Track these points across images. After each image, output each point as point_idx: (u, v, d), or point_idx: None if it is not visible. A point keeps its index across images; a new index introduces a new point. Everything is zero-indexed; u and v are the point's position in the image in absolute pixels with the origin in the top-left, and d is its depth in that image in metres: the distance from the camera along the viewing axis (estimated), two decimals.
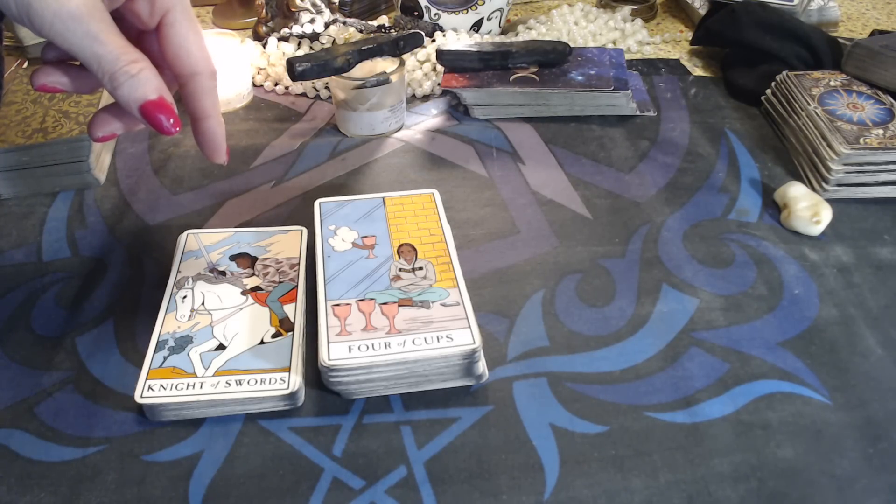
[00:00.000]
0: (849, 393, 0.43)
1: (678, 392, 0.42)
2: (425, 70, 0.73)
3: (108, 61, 0.32)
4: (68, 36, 0.31)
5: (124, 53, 0.33)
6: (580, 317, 0.47)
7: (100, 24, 0.32)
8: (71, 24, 0.31)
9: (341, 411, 0.41)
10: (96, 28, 0.32)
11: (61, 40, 0.32)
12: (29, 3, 0.31)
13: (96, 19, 0.32)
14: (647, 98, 0.72)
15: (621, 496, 0.37)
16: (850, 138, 0.57)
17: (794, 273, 0.51)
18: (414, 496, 0.37)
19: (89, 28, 0.32)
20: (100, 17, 0.32)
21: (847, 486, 0.38)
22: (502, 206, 0.57)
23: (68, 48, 0.32)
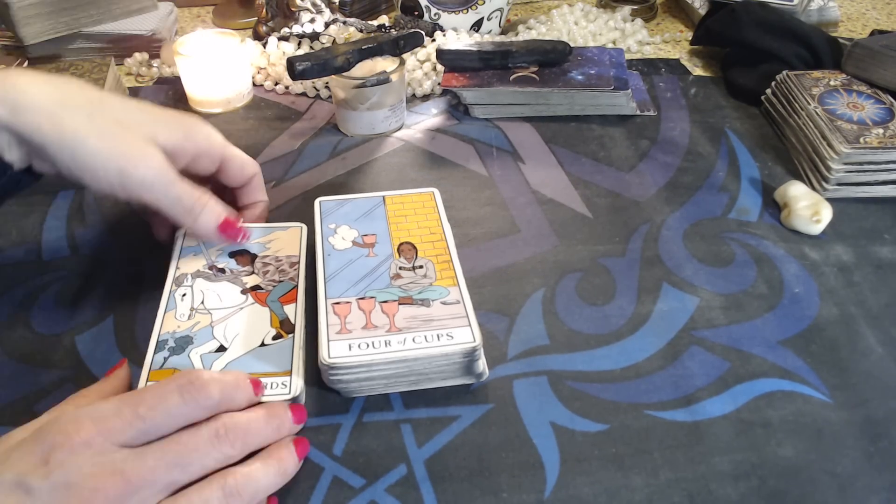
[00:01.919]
0: (849, 391, 0.43)
1: (678, 390, 0.42)
2: (425, 69, 0.73)
3: (187, 199, 0.43)
4: (154, 185, 0.41)
5: (195, 192, 0.43)
6: (580, 315, 0.47)
7: (172, 173, 0.42)
8: (153, 176, 0.41)
9: (341, 410, 0.41)
10: (171, 175, 0.42)
11: (149, 192, 0.41)
12: (120, 167, 0.40)
13: (169, 169, 0.42)
14: (647, 98, 0.72)
15: (622, 494, 0.37)
16: (851, 138, 0.57)
17: (794, 272, 0.51)
18: (414, 495, 0.37)
19: (167, 176, 0.42)
20: (171, 168, 0.42)
21: (848, 485, 0.38)
22: (502, 205, 0.57)
23: (152, 197, 0.42)
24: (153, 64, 0.76)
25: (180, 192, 0.43)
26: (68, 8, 0.74)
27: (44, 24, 0.73)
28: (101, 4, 0.76)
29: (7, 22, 0.73)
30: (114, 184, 0.40)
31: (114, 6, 0.77)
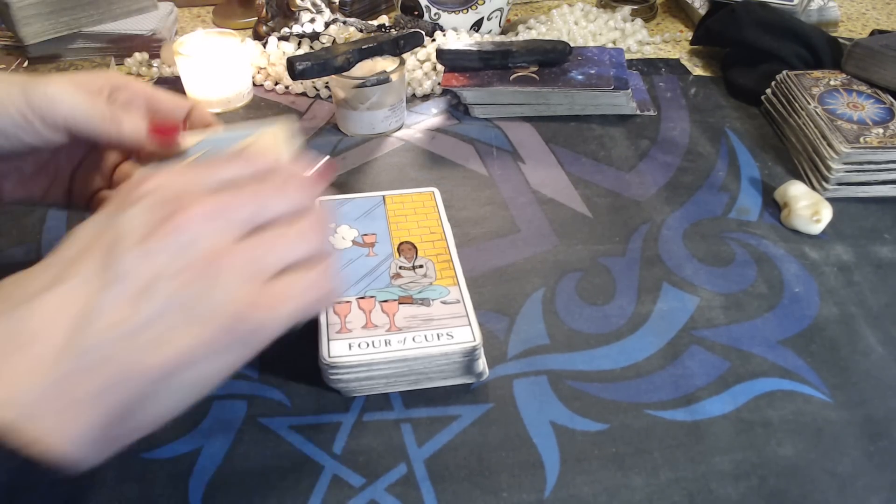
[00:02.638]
0: (849, 391, 0.43)
1: (679, 390, 0.42)
2: (425, 69, 0.73)
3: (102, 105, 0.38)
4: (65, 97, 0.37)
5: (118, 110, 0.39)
6: (580, 315, 0.47)
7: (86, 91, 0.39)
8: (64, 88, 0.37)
9: (341, 409, 0.41)
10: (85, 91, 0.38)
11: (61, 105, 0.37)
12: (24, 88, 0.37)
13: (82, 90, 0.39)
14: (647, 97, 0.72)
15: (622, 494, 0.37)
16: (851, 137, 0.57)
17: (794, 272, 0.51)
18: (414, 494, 0.37)
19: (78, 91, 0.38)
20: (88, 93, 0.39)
21: (848, 484, 0.38)
22: (502, 204, 0.57)
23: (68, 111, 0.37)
24: (153, 64, 0.76)
25: (95, 101, 0.38)
26: (68, 8, 0.74)
27: (44, 24, 0.73)
28: (101, 4, 0.76)
29: (7, 22, 0.73)
30: (20, 106, 0.36)
31: (114, 6, 0.77)
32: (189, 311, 0.27)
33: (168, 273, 0.27)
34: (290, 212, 0.31)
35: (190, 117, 0.44)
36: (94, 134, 0.38)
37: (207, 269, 0.27)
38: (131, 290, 0.26)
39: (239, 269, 0.28)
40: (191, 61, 0.66)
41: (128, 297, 0.26)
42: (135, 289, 0.26)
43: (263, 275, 0.29)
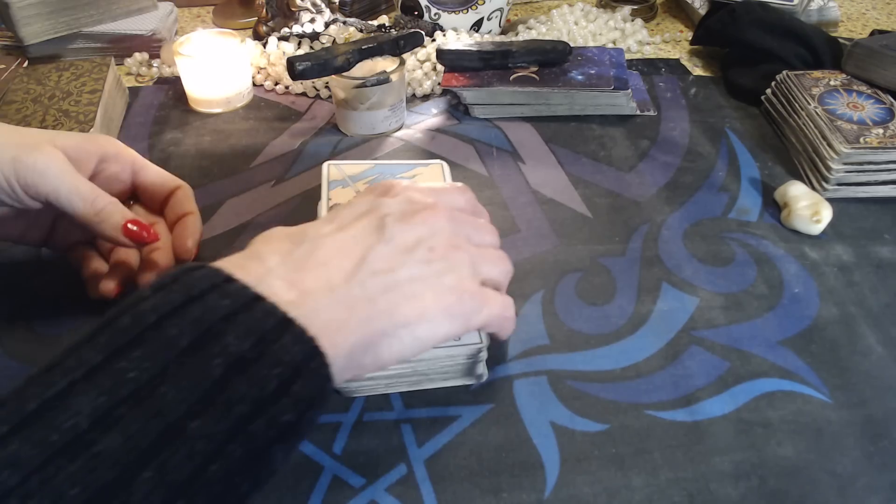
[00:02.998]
0: (849, 391, 0.43)
1: (678, 390, 0.42)
2: (425, 69, 0.73)
3: (87, 191, 0.41)
4: (50, 173, 0.39)
5: (97, 188, 0.42)
6: (580, 315, 0.47)
7: (72, 167, 0.41)
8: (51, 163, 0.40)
9: (341, 409, 0.41)
10: (70, 167, 0.41)
11: (44, 181, 0.39)
12: (14, 156, 0.39)
13: (69, 164, 0.41)
14: (647, 97, 0.72)
15: (622, 494, 0.37)
16: (851, 137, 0.57)
17: (794, 272, 0.51)
18: (414, 494, 0.37)
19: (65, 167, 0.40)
20: (72, 167, 0.41)
21: (848, 484, 0.38)
22: (502, 205, 0.57)
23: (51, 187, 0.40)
24: (153, 64, 0.76)
25: (79, 182, 0.41)
26: (68, 8, 0.74)
27: (44, 24, 0.73)
28: (101, 4, 0.76)
29: (7, 22, 0.73)
30: (7, 174, 0.39)
31: (114, 6, 0.77)
32: (435, 278, 0.33)
33: (422, 247, 0.33)
34: (492, 244, 0.39)
35: (174, 195, 0.47)
36: (74, 216, 0.41)
37: (449, 252, 0.34)
38: (397, 249, 0.33)
39: (468, 262, 0.35)
40: (191, 61, 0.66)
41: (394, 253, 0.33)
42: (399, 250, 0.33)
43: (479, 276, 0.36)
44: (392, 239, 0.33)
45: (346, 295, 0.31)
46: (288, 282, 0.30)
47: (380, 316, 0.31)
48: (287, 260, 0.31)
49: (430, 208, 0.35)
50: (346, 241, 0.33)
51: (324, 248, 0.32)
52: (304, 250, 0.32)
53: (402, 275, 0.32)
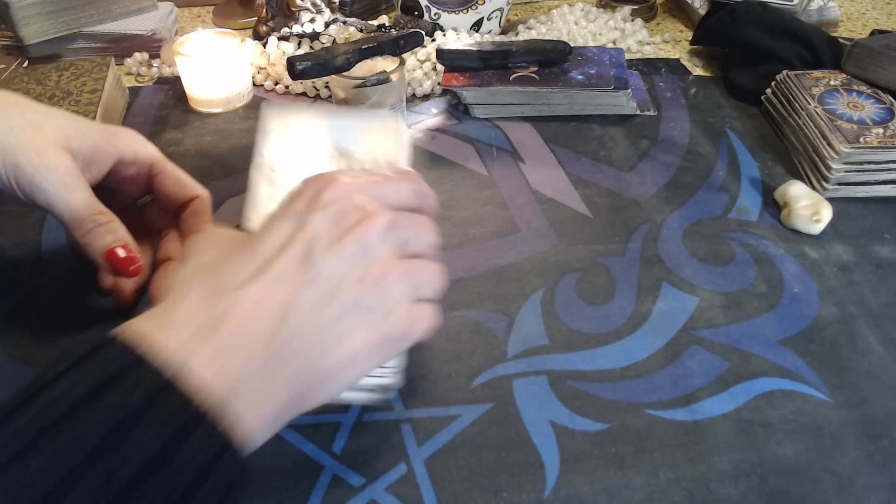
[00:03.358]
0: (849, 391, 0.43)
1: (678, 390, 0.42)
2: (425, 69, 0.73)
3: (79, 210, 0.39)
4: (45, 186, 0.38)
5: (96, 205, 0.40)
6: (580, 315, 0.47)
7: (74, 179, 0.39)
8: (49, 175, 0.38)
9: (341, 409, 0.41)
10: (70, 181, 0.39)
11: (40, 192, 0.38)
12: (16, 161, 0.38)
13: (72, 175, 0.39)
14: (647, 97, 0.72)
15: (622, 493, 0.37)
16: (851, 137, 0.57)
17: (794, 271, 0.51)
18: (414, 494, 0.37)
19: (64, 179, 0.39)
20: (75, 175, 0.39)
21: (848, 484, 0.38)
22: (502, 204, 0.57)
23: (45, 200, 0.39)
24: (153, 64, 0.76)
25: (76, 199, 0.39)
26: (68, 8, 0.74)
27: (44, 24, 0.73)
28: (101, 4, 0.76)
29: (7, 22, 0.73)
30: (10, 179, 0.38)
31: (114, 6, 0.77)
32: (367, 312, 0.30)
33: (352, 278, 0.30)
34: (433, 245, 0.35)
35: (191, 205, 0.45)
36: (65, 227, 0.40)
37: (381, 280, 0.31)
38: (323, 290, 0.30)
39: (401, 285, 0.32)
40: (191, 61, 0.66)
41: (320, 297, 0.29)
42: (326, 290, 0.30)
43: (413, 295, 0.32)
44: (318, 276, 0.29)
45: (270, 358, 0.28)
46: (206, 355, 0.27)
47: (308, 370, 0.29)
48: (205, 324, 0.28)
49: (366, 220, 0.31)
50: (267, 290, 0.29)
51: (243, 303, 0.28)
52: (223, 308, 0.28)
53: (330, 317, 0.29)
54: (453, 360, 0.44)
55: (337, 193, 0.32)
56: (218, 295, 0.29)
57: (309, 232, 0.30)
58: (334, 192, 0.32)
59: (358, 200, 0.32)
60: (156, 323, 0.28)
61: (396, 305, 0.31)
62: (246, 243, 0.31)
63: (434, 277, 0.34)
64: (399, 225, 0.33)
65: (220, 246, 0.32)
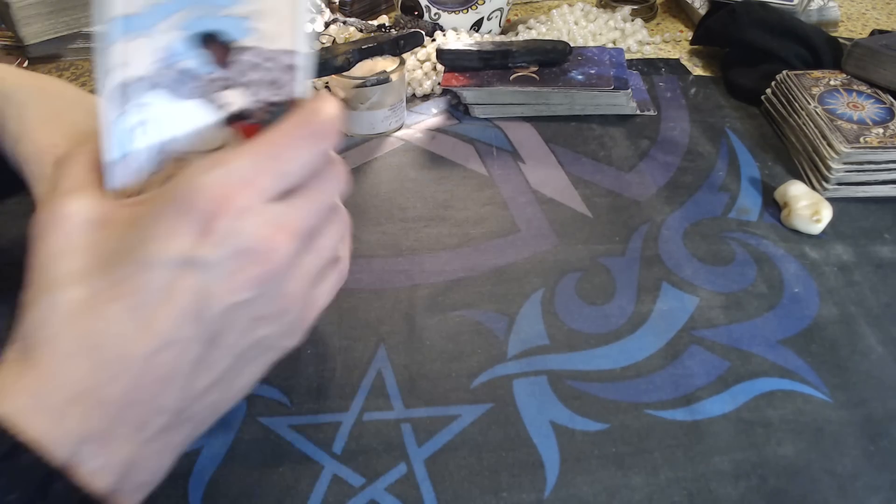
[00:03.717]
0: (849, 391, 0.43)
1: (678, 390, 0.42)
2: (425, 69, 0.73)
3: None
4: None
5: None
6: (580, 315, 0.47)
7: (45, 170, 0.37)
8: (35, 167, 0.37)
9: (341, 408, 0.41)
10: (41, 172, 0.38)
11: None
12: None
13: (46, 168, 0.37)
14: (647, 97, 0.72)
15: (622, 493, 0.37)
16: (851, 137, 0.57)
17: (794, 271, 0.51)
18: (414, 494, 0.37)
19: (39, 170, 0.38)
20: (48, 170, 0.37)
21: (848, 484, 0.38)
22: (502, 204, 0.57)
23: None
24: None
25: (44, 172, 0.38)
26: (68, 8, 0.74)
27: (44, 24, 0.73)
28: None
29: (7, 22, 0.73)
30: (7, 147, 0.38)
31: None
32: (263, 353, 0.29)
33: (250, 321, 0.27)
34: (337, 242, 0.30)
35: None
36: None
37: (282, 313, 0.28)
38: (222, 346, 0.26)
39: (303, 297, 0.28)
40: None
41: (220, 353, 0.26)
42: (225, 345, 0.26)
43: (313, 285, 0.29)
44: (214, 336, 0.26)
45: (169, 434, 0.26)
46: (98, 446, 0.24)
47: (203, 421, 0.28)
48: (96, 406, 0.24)
49: (266, 257, 0.26)
50: (160, 362, 0.25)
51: (135, 378, 0.25)
52: (117, 387, 0.25)
53: (227, 369, 0.27)
54: (453, 360, 0.44)
55: (230, 224, 0.25)
56: (106, 367, 0.25)
57: (201, 280, 0.25)
58: (227, 224, 0.25)
59: (255, 231, 0.25)
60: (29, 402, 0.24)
61: (295, 324, 0.29)
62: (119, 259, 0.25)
63: (338, 245, 0.30)
64: (307, 248, 0.28)
65: (81, 251, 0.26)
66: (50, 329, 0.25)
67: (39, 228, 0.26)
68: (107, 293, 0.25)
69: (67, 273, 0.25)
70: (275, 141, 0.26)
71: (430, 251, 0.52)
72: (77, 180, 0.27)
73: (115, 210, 0.26)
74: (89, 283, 0.25)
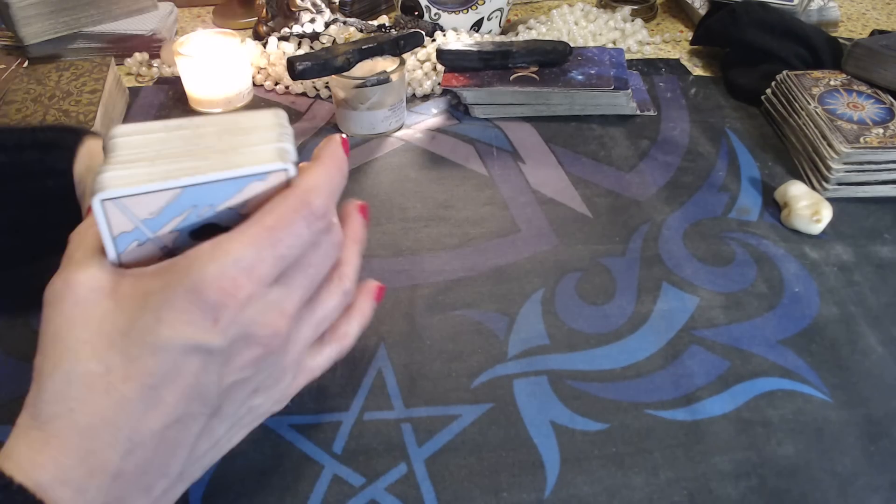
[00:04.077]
0: (849, 391, 0.43)
1: (679, 390, 0.42)
2: (425, 69, 0.73)
3: None
4: None
5: None
6: (580, 315, 0.47)
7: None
8: None
9: (342, 408, 0.41)
10: None
11: None
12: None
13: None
14: (647, 97, 0.72)
15: (622, 493, 0.37)
16: (851, 137, 0.57)
17: (794, 271, 0.51)
18: (414, 493, 0.37)
19: None
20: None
21: (848, 484, 0.38)
22: (503, 204, 0.57)
23: None
24: (153, 64, 0.76)
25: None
26: (68, 8, 0.74)
27: (44, 24, 0.73)
28: (101, 4, 0.76)
29: (7, 22, 0.73)
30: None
31: (114, 6, 0.77)
32: (255, 417, 0.32)
33: (248, 393, 0.30)
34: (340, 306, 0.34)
35: None
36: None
37: (280, 377, 0.31)
38: (219, 422, 0.29)
39: (295, 366, 0.32)
40: (191, 61, 0.66)
41: (220, 423, 0.29)
42: (221, 421, 0.29)
43: (308, 355, 0.33)
44: (217, 410, 0.29)
45: (168, 493, 0.29)
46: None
47: (194, 477, 0.30)
48: (113, 478, 0.26)
49: (267, 341, 0.28)
50: (169, 436, 0.27)
51: (147, 452, 0.27)
52: (132, 461, 0.26)
53: (223, 434, 0.30)
54: (453, 360, 0.44)
55: (234, 314, 0.27)
56: (117, 441, 0.26)
57: (207, 363, 0.27)
58: (232, 314, 0.27)
59: (257, 318, 0.28)
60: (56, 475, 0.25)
61: (286, 388, 0.32)
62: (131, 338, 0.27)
63: (334, 306, 0.33)
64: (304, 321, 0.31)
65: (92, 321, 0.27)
66: (67, 403, 0.26)
67: (52, 296, 0.28)
68: (121, 372, 0.26)
69: (80, 343, 0.27)
70: (273, 226, 0.28)
71: (430, 251, 0.52)
72: (88, 250, 0.29)
73: (122, 281, 0.28)
74: (103, 359, 0.26)
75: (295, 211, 0.29)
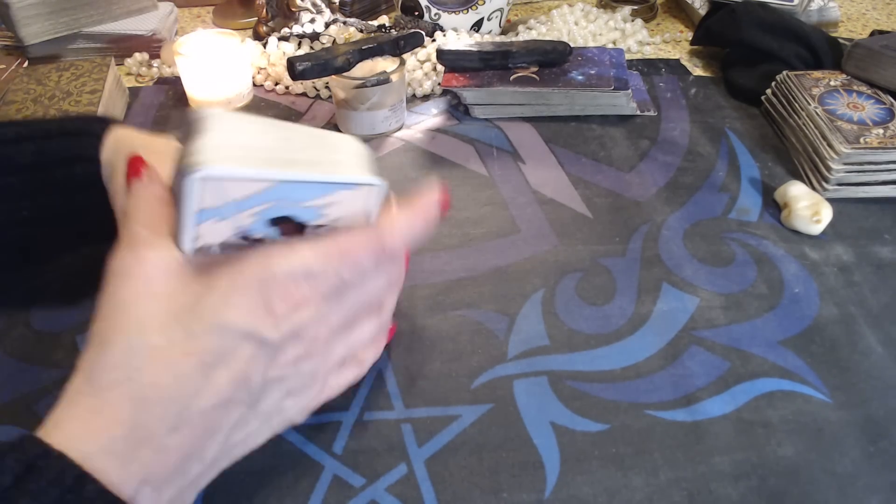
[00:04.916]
0: (849, 391, 0.43)
1: (679, 390, 0.42)
2: (426, 70, 0.73)
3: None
4: None
5: None
6: (580, 315, 0.47)
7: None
8: None
9: (342, 408, 0.41)
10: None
11: None
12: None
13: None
14: (647, 98, 0.72)
15: (622, 494, 0.37)
16: (851, 138, 0.57)
17: (794, 272, 0.51)
18: (414, 494, 0.37)
19: None
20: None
21: (848, 484, 0.38)
22: (503, 205, 0.57)
23: None
24: (153, 64, 0.76)
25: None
26: (68, 8, 0.74)
27: (44, 24, 0.73)
28: (101, 4, 0.76)
29: (7, 22, 0.73)
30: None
31: (114, 6, 0.77)
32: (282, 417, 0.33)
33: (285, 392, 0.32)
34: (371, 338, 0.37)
35: None
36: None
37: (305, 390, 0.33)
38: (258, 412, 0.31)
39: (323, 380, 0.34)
40: (191, 61, 0.66)
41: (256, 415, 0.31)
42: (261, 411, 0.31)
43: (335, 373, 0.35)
44: (256, 402, 0.30)
45: (200, 479, 0.30)
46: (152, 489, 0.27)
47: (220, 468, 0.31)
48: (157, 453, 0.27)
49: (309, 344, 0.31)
50: (213, 417, 0.28)
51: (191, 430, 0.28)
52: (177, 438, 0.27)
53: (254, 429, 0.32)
54: (453, 360, 0.44)
55: (290, 312, 0.30)
56: (168, 414, 0.27)
57: (256, 352, 0.29)
58: (288, 311, 0.30)
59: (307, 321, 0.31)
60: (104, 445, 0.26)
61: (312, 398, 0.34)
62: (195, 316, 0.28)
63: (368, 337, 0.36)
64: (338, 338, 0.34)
65: (160, 298, 0.28)
66: (127, 372, 0.27)
67: (121, 268, 0.29)
68: (181, 346, 0.27)
69: (147, 317, 0.28)
70: (346, 250, 0.31)
71: (430, 251, 0.52)
72: (156, 227, 0.29)
73: (189, 266, 0.29)
74: (165, 333, 0.27)
75: (370, 244, 0.32)
